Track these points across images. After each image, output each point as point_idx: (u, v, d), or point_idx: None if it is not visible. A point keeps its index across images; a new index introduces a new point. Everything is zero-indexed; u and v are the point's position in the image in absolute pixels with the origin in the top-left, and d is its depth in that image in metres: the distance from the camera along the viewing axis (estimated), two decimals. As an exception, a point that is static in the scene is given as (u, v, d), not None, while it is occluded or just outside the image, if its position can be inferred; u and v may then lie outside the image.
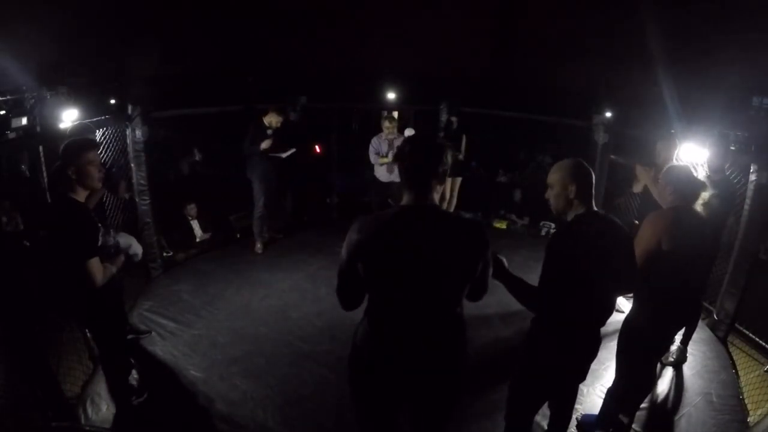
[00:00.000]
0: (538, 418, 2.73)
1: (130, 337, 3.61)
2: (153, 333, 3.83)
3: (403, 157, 1.78)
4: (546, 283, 2.03)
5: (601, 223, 2.07)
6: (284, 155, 5.20)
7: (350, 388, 1.93)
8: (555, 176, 2.12)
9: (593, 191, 2.09)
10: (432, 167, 1.73)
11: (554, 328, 2.13)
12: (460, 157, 5.96)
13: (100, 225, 2.59)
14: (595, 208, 2.09)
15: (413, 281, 1.70)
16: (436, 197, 1.78)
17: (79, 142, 2.56)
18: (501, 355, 3.44)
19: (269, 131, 5.03)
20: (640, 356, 2.64)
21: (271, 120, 5.06)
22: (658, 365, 3.57)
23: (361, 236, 1.70)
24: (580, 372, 2.30)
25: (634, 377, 2.69)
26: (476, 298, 1.91)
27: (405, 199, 1.78)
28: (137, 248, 3.06)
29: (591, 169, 2.10)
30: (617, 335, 2.66)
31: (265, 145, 4.97)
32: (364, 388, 1.91)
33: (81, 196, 2.50)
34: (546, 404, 2.47)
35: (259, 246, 5.44)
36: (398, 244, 1.68)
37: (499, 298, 2.12)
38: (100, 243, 2.53)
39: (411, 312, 1.75)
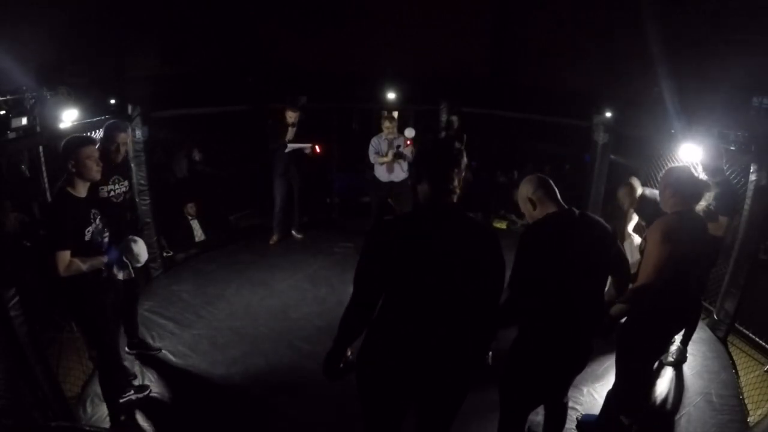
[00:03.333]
0: (539, 418, 2.73)
1: (134, 351, 3.54)
2: (153, 333, 3.82)
3: (424, 158, 1.82)
4: (516, 280, 2.01)
5: (576, 219, 2.05)
6: (303, 148, 5.28)
7: (359, 387, 1.92)
8: (518, 194, 2.19)
9: (556, 194, 2.12)
10: (454, 167, 1.77)
11: (534, 331, 2.11)
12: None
13: (97, 220, 2.60)
14: (571, 208, 2.08)
15: (434, 282, 1.71)
16: (455, 197, 1.80)
17: (79, 138, 2.66)
18: (500, 355, 3.44)
19: (290, 128, 5.22)
20: (639, 358, 2.63)
21: (288, 116, 5.23)
22: (658, 365, 3.57)
23: (385, 239, 1.71)
24: (564, 381, 2.29)
25: (633, 378, 2.69)
26: (491, 306, 1.84)
27: (425, 199, 1.79)
28: (140, 256, 2.87)
29: (547, 178, 2.16)
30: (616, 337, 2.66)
31: (289, 135, 5.20)
32: (374, 389, 1.90)
33: (80, 190, 2.56)
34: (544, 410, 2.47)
35: (274, 238, 5.63)
36: (423, 246, 1.69)
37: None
38: (87, 238, 2.55)
39: (428, 313, 1.75)
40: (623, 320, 2.63)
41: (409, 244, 1.70)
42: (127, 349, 3.50)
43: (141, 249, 2.86)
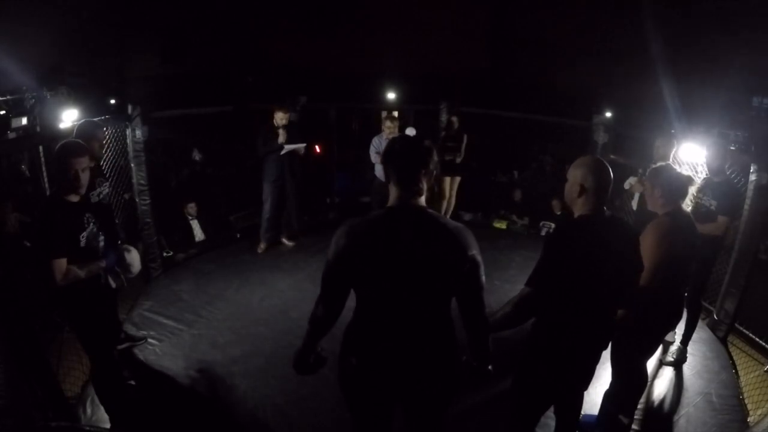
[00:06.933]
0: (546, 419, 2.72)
1: (124, 345, 3.55)
2: (153, 333, 3.82)
3: (391, 157, 1.77)
4: (538, 280, 2.00)
5: (606, 226, 2.02)
6: (297, 148, 5.13)
7: (342, 391, 1.92)
8: (572, 170, 2.05)
9: (606, 194, 2.01)
10: (421, 167, 1.72)
11: (553, 334, 2.10)
12: (459, 158, 5.95)
13: (91, 225, 2.56)
14: (605, 210, 2.03)
15: (402, 283, 1.69)
16: (423, 198, 1.76)
17: (70, 146, 2.55)
18: (499, 355, 3.42)
19: (280, 130, 5.01)
20: (632, 356, 2.64)
21: (277, 117, 5.03)
22: (659, 365, 3.57)
23: (349, 240, 1.69)
24: (583, 378, 2.28)
25: (628, 377, 2.69)
26: (474, 304, 1.82)
27: (392, 200, 1.76)
28: (132, 266, 2.87)
29: (610, 171, 2.02)
30: None
31: (281, 139, 4.99)
32: (355, 391, 1.90)
33: (72, 195, 2.50)
34: (552, 410, 2.46)
35: (261, 246, 5.45)
36: (387, 247, 1.67)
37: (499, 298, 2.11)
38: (83, 244, 2.51)
39: (399, 314, 1.74)
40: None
41: (372, 245, 1.68)
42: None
43: (134, 259, 2.83)
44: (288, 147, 5.04)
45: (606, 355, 2.93)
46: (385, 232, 1.69)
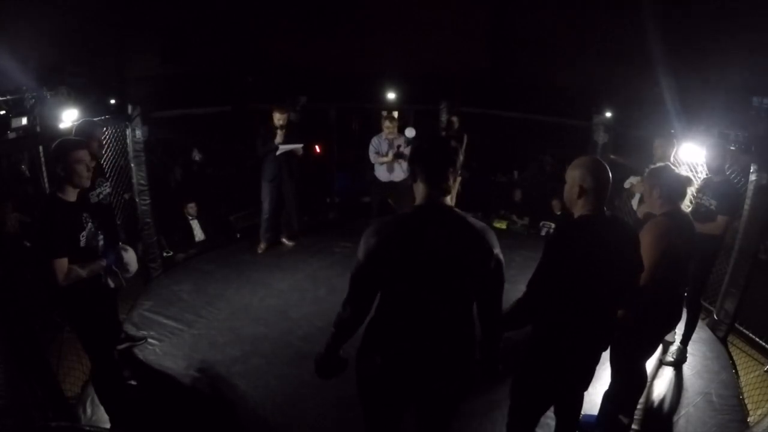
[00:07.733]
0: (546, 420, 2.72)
1: (124, 345, 3.56)
2: (153, 333, 3.82)
3: (420, 157, 1.81)
4: (539, 281, 2.00)
5: (606, 226, 2.01)
6: (294, 149, 5.09)
7: (359, 389, 1.92)
8: (570, 171, 2.06)
9: (606, 194, 2.01)
10: (449, 166, 1.77)
11: (553, 334, 2.11)
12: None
13: (89, 224, 2.56)
14: (605, 210, 2.03)
15: (431, 281, 1.71)
16: (451, 197, 1.80)
17: (69, 141, 2.56)
18: (509, 358, 3.41)
19: (278, 130, 4.98)
20: (632, 356, 2.64)
21: (275, 118, 5.01)
22: (658, 365, 3.57)
23: (380, 239, 1.70)
24: (583, 378, 2.28)
25: (627, 377, 2.69)
26: (493, 302, 1.85)
27: (420, 198, 1.79)
28: (130, 265, 2.86)
29: (608, 171, 2.02)
30: None
31: (278, 139, 4.96)
32: (375, 390, 1.90)
33: (70, 195, 2.49)
34: (552, 410, 2.46)
35: (261, 246, 5.44)
36: (416, 245, 1.69)
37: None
38: (83, 243, 2.51)
39: (427, 312, 1.76)
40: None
41: (402, 244, 1.70)
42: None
43: (131, 258, 2.83)
44: (283, 147, 5.00)
45: (606, 356, 2.94)
46: (414, 230, 1.72)
